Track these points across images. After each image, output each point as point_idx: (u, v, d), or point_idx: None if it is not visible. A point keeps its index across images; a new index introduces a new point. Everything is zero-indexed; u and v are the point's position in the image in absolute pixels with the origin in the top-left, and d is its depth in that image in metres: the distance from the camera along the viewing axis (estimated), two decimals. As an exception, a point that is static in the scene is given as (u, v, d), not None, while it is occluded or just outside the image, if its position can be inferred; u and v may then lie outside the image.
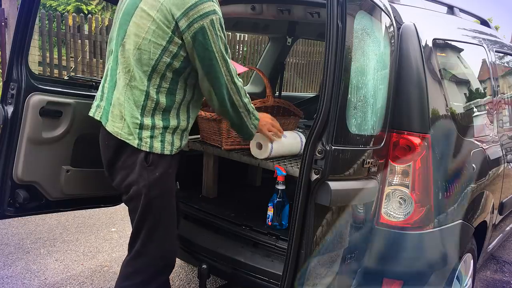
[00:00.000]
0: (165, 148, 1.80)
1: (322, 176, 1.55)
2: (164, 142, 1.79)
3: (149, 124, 1.77)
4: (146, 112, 1.76)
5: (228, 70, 1.77)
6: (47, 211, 2.44)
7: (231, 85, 1.79)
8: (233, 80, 1.79)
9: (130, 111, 1.76)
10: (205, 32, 1.68)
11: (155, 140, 1.78)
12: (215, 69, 1.74)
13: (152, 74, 1.73)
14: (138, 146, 1.76)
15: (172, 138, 1.81)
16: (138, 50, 1.72)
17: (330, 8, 1.51)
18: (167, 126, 1.79)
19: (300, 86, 10.57)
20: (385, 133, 1.88)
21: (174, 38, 1.69)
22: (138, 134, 1.77)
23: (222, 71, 1.75)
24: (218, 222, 2.35)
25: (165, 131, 1.80)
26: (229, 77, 1.78)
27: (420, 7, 2.42)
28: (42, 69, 7.03)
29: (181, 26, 1.66)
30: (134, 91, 1.75)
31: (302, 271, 1.61)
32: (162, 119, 1.78)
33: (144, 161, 1.77)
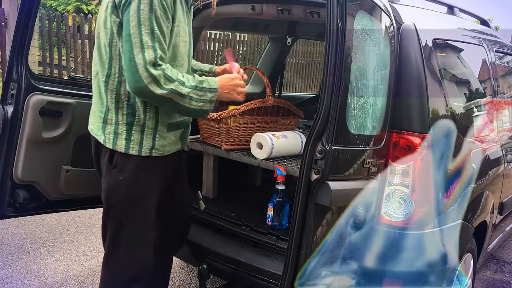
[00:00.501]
0: (131, 148, 1.67)
1: (322, 176, 1.55)
2: (130, 140, 1.67)
3: (112, 118, 1.68)
4: (109, 105, 1.68)
5: (143, 54, 1.50)
6: (47, 211, 2.44)
7: (144, 73, 1.51)
8: (145, 67, 1.50)
9: (96, 104, 1.73)
10: (129, 5, 1.53)
11: (120, 137, 1.67)
12: (129, 49, 1.53)
13: (111, 62, 1.65)
14: (103, 143, 1.69)
15: (140, 137, 1.68)
16: (97, 39, 1.68)
17: (330, 8, 1.51)
18: (132, 122, 1.67)
19: (300, 86, 10.57)
20: (385, 133, 1.88)
21: (112, 16, 1.60)
22: (103, 129, 1.70)
23: (135, 53, 1.51)
24: (218, 222, 2.35)
25: (131, 128, 1.68)
26: (141, 62, 1.50)
27: (420, 7, 2.42)
28: (42, 69, 7.03)
29: (116, 1, 1.57)
30: (99, 84, 1.70)
31: (302, 271, 1.61)
32: (127, 113, 1.67)
33: (108, 163, 1.70)
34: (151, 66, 1.51)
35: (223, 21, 2.94)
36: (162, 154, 1.75)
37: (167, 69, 1.56)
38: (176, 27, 1.65)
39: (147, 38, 1.52)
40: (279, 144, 2.29)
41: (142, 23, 1.52)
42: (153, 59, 1.52)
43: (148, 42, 1.52)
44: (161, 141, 1.73)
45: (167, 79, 1.55)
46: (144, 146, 1.69)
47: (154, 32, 1.53)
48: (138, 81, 1.51)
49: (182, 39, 1.69)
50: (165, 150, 1.75)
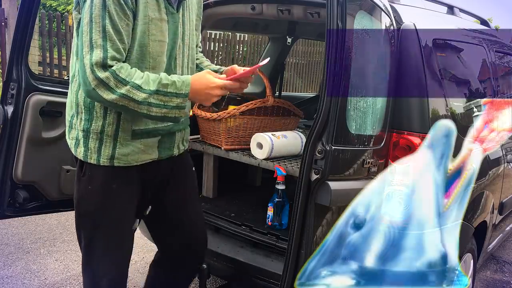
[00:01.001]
0: (89, 156, 1.55)
1: (322, 176, 1.55)
2: (87, 148, 1.54)
3: (75, 122, 1.57)
4: (73, 107, 1.57)
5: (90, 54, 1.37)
6: (47, 211, 2.44)
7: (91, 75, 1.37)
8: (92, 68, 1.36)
9: (67, 107, 1.63)
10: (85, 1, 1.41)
11: (79, 143, 1.56)
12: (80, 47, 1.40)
13: (74, 64, 1.52)
14: (70, 148, 1.61)
15: (98, 145, 1.54)
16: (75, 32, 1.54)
17: (330, 8, 1.51)
18: (88, 128, 1.53)
19: (300, 86, 10.56)
20: (385, 133, 1.88)
21: (74, 12, 1.48)
22: (68, 133, 1.63)
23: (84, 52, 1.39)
24: (218, 222, 2.35)
25: (87, 135, 1.54)
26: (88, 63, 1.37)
27: (420, 7, 2.42)
28: (42, 69, 7.02)
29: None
30: (70, 86, 1.61)
31: (302, 271, 1.61)
32: (84, 119, 1.54)
33: (79, 169, 1.60)
34: (98, 68, 1.37)
35: (223, 21, 2.94)
36: (127, 164, 1.58)
37: (120, 69, 1.40)
38: (143, 25, 1.49)
39: (97, 36, 1.38)
40: (279, 144, 2.28)
41: (94, 20, 1.38)
42: (100, 60, 1.37)
43: (98, 41, 1.38)
44: (122, 150, 1.56)
45: (120, 82, 1.39)
46: (103, 155, 1.55)
47: (105, 30, 1.39)
48: (85, 83, 1.39)
49: (155, 38, 1.53)
50: (129, 160, 1.58)
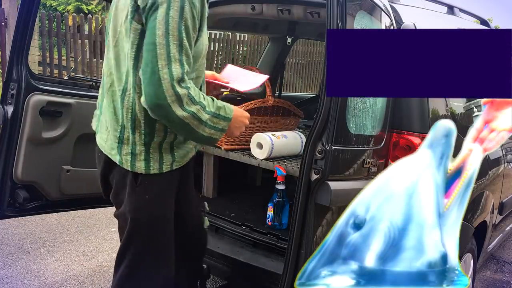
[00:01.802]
0: (152, 167, 1.52)
1: (322, 176, 1.55)
2: (149, 160, 1.52)
3: (129, 138, 1.50)
4: (125, 123, 1.50)
5: (169, 68, 1.34)
6: (47, 211, 2.44)
7: (169, 90, 1.34)
8: (172, 83, 1.34)
9: (110, 121, 1.54)
10: (156, 10, 1.35)
11: (138, 158, 1.51)
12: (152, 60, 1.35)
13: (127, 76, 1.47)
14: (119, 163, 1.53)
15: (159, 155, 1.54)
16: (115, 48, 1.51)
17: (330, 8, 1.51)
18: (150, 141, 1.51)
19: (300, 86, 10.56)
20: (385, 133, 1.88)
21: (133, 22, 1.42)
22: (118, 149, 1.53)
23: (159, 66, 1.34)
24: (218, 222, 2.35)
25: (149, 148, 1.51)
26: (167, 77, 1.34)
27: (420, 7, 2.42)
28: (42, 69, 7.03)
29: (140, 5, 1.39)
30: (115, 97, 1.52)
31: (302, 271, 1.61)
32: (145, 133, 1.50)
33: (133, 180, 1.54)
34: (177, 83, 1.34)
35: (223, 21, 2.94)
36: (182, 164, 1.62)
37: (191, 88, 1.40)
38: (204, 35, 1.52)
39: (175, 50, 1.35)
40: (279, 144, 2.28)
41: (171, 32, 1.34)
42: (180, 75, 1.35)
43: (175, 55, 1.35)
44: (179, 152, 1.59)
45: (190, 100, 1.39)
46: (165, 162, 1.55)
47: (182, 44, 1.36)
48: (160, 98, 1.33)
49: (205, 46, 1.56)
50: (184, 160, 1.63)
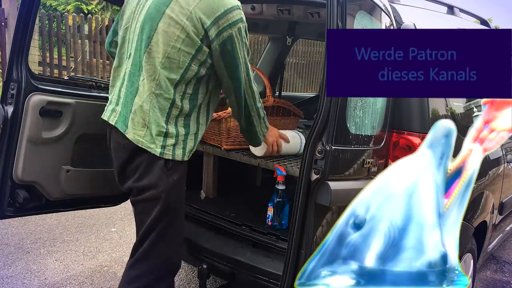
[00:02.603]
0: (185, 155, 1.80)
1: (322, 176, 1.55)
2: (186, 148, 1.80)
3: (173, 132, 1.75)
4: (170, 120, 1.75)
5: (248, 75, 1.81)
6: (47, 211, 2.44)
7: (248, 89, 1.83)
8: (250, 84, 1.83)
9: (155, 119, 1.73)
10: (233, 41, 1.69)
11: (178, 147, 1.77)
12: (238, 74, 1.77)
13: (179, 82, 1.72)
14: (160, 155, 1.74)
15: (188, 144, 1.81)
16: (167, 59, 1.68)
17: (330, 8, 1.51)
18: (188, 132, 1.79)
19: (300, 86, 10.56)
20: (385, 133, 1.88)
21: (203, 46, 1.68)
22: (162, 142, 1.74)
23: (243, 76, 1.79)
24: (218, 222, 2.35)
25: (187, 137, 1.80)
26: (247, 81, 1.82)
27: (420, 7, 2.42)
28: (42, 69, 7.03)
29: (211, 35, 1.66)
30: (160, 99, 1.72)
31: (302, 271, 1.61)
32: (184, 125, 1.78)
33: (164, 166, 1.76)
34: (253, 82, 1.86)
35: (223, 21, 2.94)
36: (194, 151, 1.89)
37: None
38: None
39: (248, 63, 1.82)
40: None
41: (245, 53, 1.78)
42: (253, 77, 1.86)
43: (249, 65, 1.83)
44: (196, 143, 1.86)
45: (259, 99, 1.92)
46: (193, 150, 1.84)
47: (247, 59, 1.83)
48: (243, 96, 1.85)
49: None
50: (194, 150, 1.88)
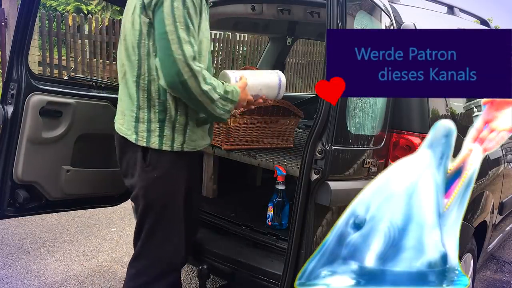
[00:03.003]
0: (164, 144, 1.71)
1: (322, 176, 1.55)
2: (163, 137, 1.71)
3: (145, 117, 1.70)
4: (140, 104, 1.70)
5: (182, 49, 1.55)
6: (47, 211, 2.44)
7: (185, 67, 1.55)
8: (186, 61, 1.55)
9: (127, 104, 1.74)
10: (162, 4, 1.57)
11: (153, 134, 1.71)
12: (166, 45, 1.56)
13: (140, 63, 1.67)
14: (135, 141, 1.72)
15: (172, 133, 1.72)
16: (125, 41, 1.71)
17: (330, 8, 1.51)
18: (164, 119, 1.70)
19: (300, 86, 10.56)
20: (385, 133, 1.88)
21: (142, 17, 1.63)
22: (135, 128, 1.72)
23: (173, 49, 1.55)
24: (218, 222, 2.35)
25: (163, 125, 1.71)
26: (181, 57, 1.54)
27: (420, 7, 2.42)
28: (42, 69, 7.02)
29: (145, 1, 1.60)
30: (128, 84, 1.72)
31: (302, 271, 1.61)
32: (158, 111, 1.70)
33: (142, 161, 1.73)
34: (192, 61, 1.56)
35: (223, 21, 2.95)
36: (194, 149, 1.79)
37: (204, 69, 1.60)
38: (202, 23, 1.69)
39: (183, 34, 1.56)
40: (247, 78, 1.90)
41: (177, 19, 1.56)
42: (192, 53, 1.56)
43: (185, 37, 1.56)
44: (192, 136, 1.77)
45: (204, 79, 1.59)
46: (176, 142, 1.73)
47: (189, 28, 1.58)
48: (178, 75, 1.55)
49: (204, 35, 1.72)
50: (196, 145, 1.80)
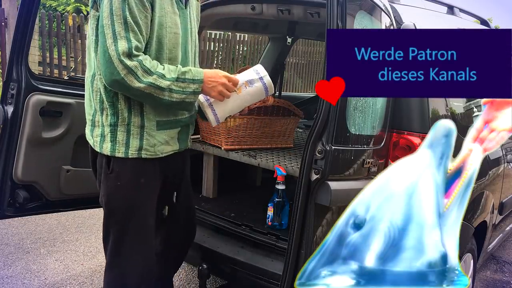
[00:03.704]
0: (117, 150, 1.59)
1: (322, 176, 1.55)
2: (115, 142, 1.58)
3: (99, 120, 1.61)
4: (95, 106, 1.61)
5: (115, 45, 1.44)
6: (47, 211, 2.44)
7: (119, 65, 1.44)
8: (119, 58, 1.43)
9: (86, 107, 1.68)
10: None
11: (105, 139, 1.60)
12: (102, 41, 1.47)
13: (92, 62, 1.59)
14: (93, 146, 1.64)
15: (126, 138, 1.59)
16: (87, 40, 1.64)
17: (330, 8, 1.51)
18: (115, 122, 1.58)
19: (300, 86, 10.56)
20: (385, 133, 1.88)
21: (92, 10, 1.55)
22: (91, 131, 1.65)
23: (107, 44, 1.45)
24: (218, 222, 2.35)
25: (115, 129, 1.58)
26: (114, 54, 1.44)
27: (420, 7, 2.42)
28: (42, 69, 7.03)
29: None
30: (87, 86, 1.65)
31: (302, 271, 1.61)
32: (110, 114, 1.58)
33: (106, 167, 1.63)
34: (125, 57, 1.44)
35: (223, 21, 2.94)
36: (154, 156, 1.64)
37: (145, 60, 1.48)
38: (160, 17, 1.56)
39: (120, 28, 1.45)
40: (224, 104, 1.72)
41: (114, 12, 1.45)
42: (126, 50, 1.44)
43: (121, 32, 1.45)
44: (149, 140, 1.62)
45: (145, 72, 1.47)
46: (131, 147, 1.60)
47: (127, 22, 1.45)
48: (113, 73, 1.45)
49: (171, 30, 1.60)
50: (156, 151, 1.64)
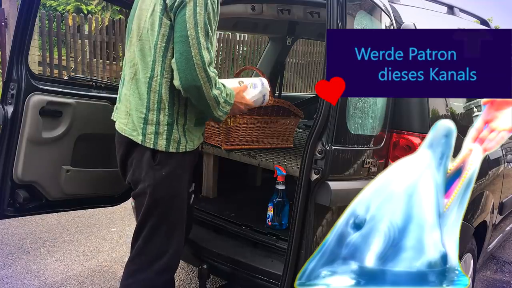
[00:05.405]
0: (171, 146, 1.74)
1: (322, 176, 1.55)
2: (170, 139, 1.73)
3: (154, 119, 1.72)
4: (150, 106, 1.71)
5: (201, 55, 1.60)
6: (47, 211, 2.44)
7: (202, 73, 1.60)
8: (204, 67, 1.60)
9: (135, 105, 1.74)
10: (184, 7, 1.59)
11: (160, 136, 1.72)
12: (186, 49, 1.60)
13: (154, 64, 1.69)
14: (142, 143, 1.73)
15: (178, 135, 1.75)
16: (140, 41, 1.72)
17: (330, 8, 1.51)
18: (172, 122, 1.73)
19: (300, 86, 10.57)
20: (385, 133, 1.88)
21: (163, 18, 1.65)
22: (142, 129, 1.73)
23: (193, 53, 1.59)
24: (218, 222, 2.35)
25: (172, 128, 1.73)
26: (200, 63, 1.60)
27: (420, 7, 2.42)
28: (42, 69, 7.03)
29: (168, 3, 1.62)
30: (139, 84, 1.73)
31: (302, 271, 1.61)
32: (168, 114, 1.72)
33: (151, 159, 1.74)
34: (209, 67, 1.61)
35: (223, 21, 2.93)
36: (193, 149, 1.82)
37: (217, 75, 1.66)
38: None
39: (203, 40, 1.60)
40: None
41: (199, 25, 1.59)
42: (209, 60, 1.62)
43: (204, 43, 1.60)
44: (191, 136, 1.80)
45: (215, 84, 1.66)
46: (181, 143, 1.76)
47: (208, 35, 1.62)
48: (195, 80, 1.60)
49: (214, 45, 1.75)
50: (194, 145, 1.82)
